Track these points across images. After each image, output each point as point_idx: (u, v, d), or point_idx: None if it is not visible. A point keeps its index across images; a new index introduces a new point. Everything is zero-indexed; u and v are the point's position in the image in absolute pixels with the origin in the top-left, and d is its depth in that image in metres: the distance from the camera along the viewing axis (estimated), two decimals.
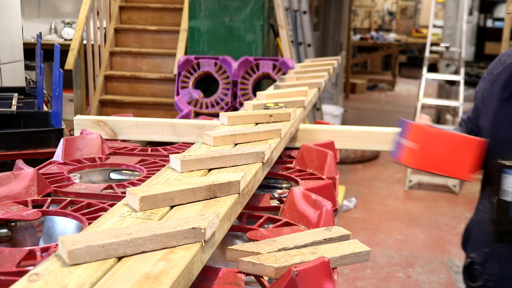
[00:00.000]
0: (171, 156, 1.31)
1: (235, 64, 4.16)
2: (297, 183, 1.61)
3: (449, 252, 4.24)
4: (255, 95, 3.10)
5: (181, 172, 1.26)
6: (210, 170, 1.31)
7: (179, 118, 3.96)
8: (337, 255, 1.13)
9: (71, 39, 5.49)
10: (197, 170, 1.29)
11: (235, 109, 4.19)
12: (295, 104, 2.05)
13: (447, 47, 6.51)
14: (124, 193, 1.37)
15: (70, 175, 1.57)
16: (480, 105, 1.65)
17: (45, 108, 3.46)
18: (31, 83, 3.84)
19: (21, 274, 0.93)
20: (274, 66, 4.10)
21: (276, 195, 1.55)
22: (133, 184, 1.48)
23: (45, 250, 1.08)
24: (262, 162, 1.40)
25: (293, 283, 0.97)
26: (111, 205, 1.28)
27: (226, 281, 1.10)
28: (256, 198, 1.50)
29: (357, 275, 3.75)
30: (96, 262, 0.83)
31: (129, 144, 1.97)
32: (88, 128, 1.97)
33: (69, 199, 1.37)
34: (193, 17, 4.33)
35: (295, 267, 0.99)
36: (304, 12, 5.53)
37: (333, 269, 1.10)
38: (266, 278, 1.11)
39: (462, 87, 6.02)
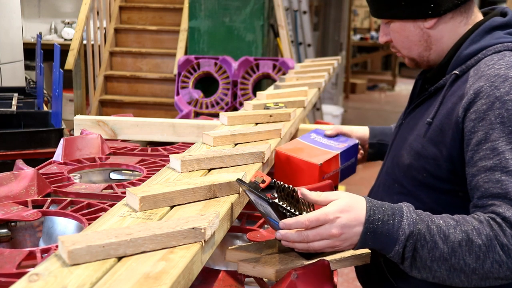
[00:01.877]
0: (171, 156, 1.31)
1: (235, 64, 4.16)
2: None
3: None
4: (255, 95, 3.10)
5: (181, 172, 1.26)
6: (210, 170, 1.31)
7: (179, 118, 3.96)
8: (337, 257, 1.13)
9: (71, 39, 5.48)
10: (197, 170, 1.29)
11: (235, 109, 4.19)
12: (295, 104, 2.05)
13: None
14: (124, 193, 1.36)
15: (70, 175, 1.57)
16: None
17: (45, 108, 3.46)
18: (31, 83, 3.84)
19: (21, 275, 0.93)
20: (274, 66, 4.10)
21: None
22: (133, 184, 1.47)
23: (45, 251, 1.08)
24: (262, 162, 1.40)
25: (293, 286, 0.97)
26: (111, 205, 1.28)
27: (226, 283, 1.10)
28: None
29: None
30: (96, 262, 0.83)
31: (129, 144, 1.97)
32: (88, 128, 1.97)
33: (69, 199, 1.37)
34: (193, 17, 4.33)
35: (295, 269, 0.99)
36: (304, 12, 5.53)
37: (333, 271, 1.10)
38: (266, 279, 1.11)
39: None
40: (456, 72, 1.23)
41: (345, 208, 1.03)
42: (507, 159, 1.05)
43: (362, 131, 1.72)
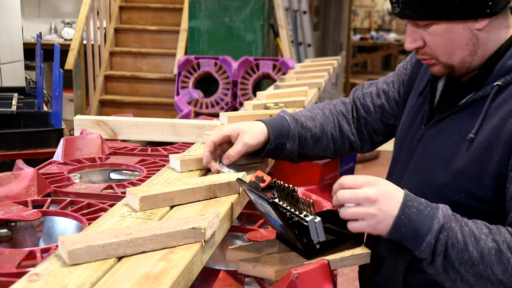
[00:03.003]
0: (170, 156, 1.31)
1: (235, 64, 4.16)
2: None
3: None
4: (255, 95, 3.10)
5: (181, 172, 1.26)
6: (210, 170, 1.31)
7: (179, 118, 3.96)
8: (337, 257, 1.13)
9: (71, 39, 5.48)
10: (196, 170, 1.28)
11: (235, 109, 4.19)
12: (295, 104, 2.05)
13: None
14: (124, 193, 1.36)
15: (70, 175, 1.57)
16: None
17: (45, 108, 3.46)
18: (31, 83, 3.84)
19: (21, 275, 0.93)
20: (274, 66, 4.10)
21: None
22: (133, 184, 1.47)
23: (45, 251, 1.07)
24: (262, 162, 1.40)
25: (293, 286, 0.97)
26: (111, 205, 1.28)
27: (226, 283, 1.10)
28: None
29: (357, 275, 3.75)
30: (96, 262, 0.83)
31: (129, 144, 1.97)
32: (88, 128, 1.97)
33: (69, 199, 1.37)
34: (193, 17, 4.33)
35: (295, 269, 0.99)
36: (304, 12, 5.53)
37: (333, 270, 1.09)
38: (266, 279, 1.11)
39: None
40: (499, 83, 1.13)
41: (384, 181, 1.04)
42: None
43: (259, 136, 1.33)
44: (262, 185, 1.12)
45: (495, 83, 1.13)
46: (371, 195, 1.02)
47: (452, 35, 1.14)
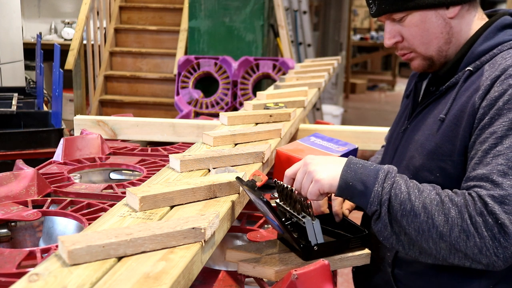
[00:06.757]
0: (170, 156, 1.31)
1: (235, 64, 4.16)
2: None
3: None
4: (255, 95, 3.10)
5: (181, 172, 1.26)
6: (210, 170, 1.31)
7: (179, 118, 3.96)
8: (337, 257, 1.13)
9: (71, 39, 5.48)
10: (196, 170, 1.29)
11: (235, 109, 4.18)
12: (295, 104, 2.05)
13: None
14: (124, 193, 1.36)
15: (70, 175, 1.57)
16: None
17: (45, 108, 3.46)
18: (31, 83, 3.84)
19: (21, 275, 0.93)
20: (274, 66, 4.10)
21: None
22: (133, 184, 1.47)
23: (45, 251, 1.08)
24: (262, 162, 1.40)
25: (293, 286, 0.97)
26: (111, 205, 1.28)
27: (226, 283, 1.10)
28: None
29: None
30: (96, 262, 0.83)
31: (129, 144, 1.97)
32: (88, 128, 1.97)
33: (69, 199, 1.37)
34: (193, 17, 4.33)
35: (295, 270, 0.99)
36: (304, 12, 5.53)
37: (333, 271, 1.10)
38: (266, 279, 1.11)
39: None
40: (470, 68, 1.20)
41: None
42: (503, 144, 1.05)
43: None
44: (258, 184, 1.12)
45: (466, 69, 1.20)
46: (306, 159, 1.14)
47: (427, 25, 1.22)
